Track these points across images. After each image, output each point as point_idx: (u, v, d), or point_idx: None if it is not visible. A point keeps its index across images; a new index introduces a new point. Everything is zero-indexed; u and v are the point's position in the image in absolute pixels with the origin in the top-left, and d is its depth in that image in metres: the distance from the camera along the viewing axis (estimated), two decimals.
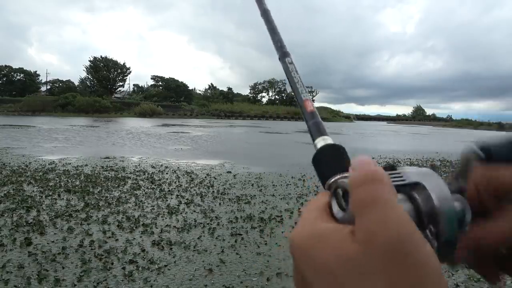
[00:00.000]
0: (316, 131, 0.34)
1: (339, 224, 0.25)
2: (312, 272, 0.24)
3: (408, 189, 0.26)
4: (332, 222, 0.25)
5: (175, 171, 8.22)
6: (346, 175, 0.26)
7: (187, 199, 5.75)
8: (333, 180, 0.27)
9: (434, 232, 0.25)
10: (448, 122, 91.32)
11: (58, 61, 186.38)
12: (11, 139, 14.01)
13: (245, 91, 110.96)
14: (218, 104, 61.04)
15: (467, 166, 0.30)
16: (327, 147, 0.31)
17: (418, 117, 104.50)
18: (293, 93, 0.39)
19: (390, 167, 0.28)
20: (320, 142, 0.32)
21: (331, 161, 0.30)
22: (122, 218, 4.67)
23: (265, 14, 0.50)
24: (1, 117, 32.46)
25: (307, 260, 0.24)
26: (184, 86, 71.28)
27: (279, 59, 0.43)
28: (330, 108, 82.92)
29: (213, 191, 6.32)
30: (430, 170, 0.27)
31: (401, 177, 0.27)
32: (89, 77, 65.15)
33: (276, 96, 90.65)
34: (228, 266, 3.42)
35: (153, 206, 5.29)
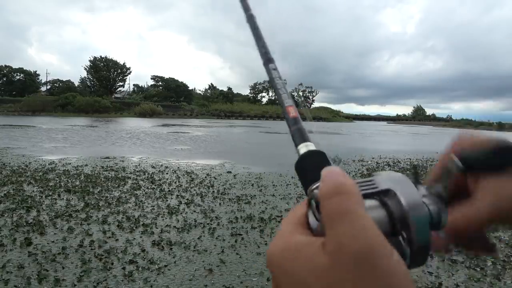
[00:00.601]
0: (299, 137, 0.34)
1: (312, 237, 0.25)
2: (288, 286, 0.24)
3: (381, 195, 0.27)
4: (307, 234, 0.26)
5: (175, 171, 8.22)
6: (318, 185, 0.26)
7: (187, 199, 5.75)
8: (308, 190, 0.27)
9: (406, 238, 0.25)
10: (448, 122, 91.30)
11: (58, 61, 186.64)
12: (11, 139, 14.01)
13: (245, 91, 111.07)
14: (218, 104, 61.05)
15: (448, 176, 0.30)
16: (309, 153, 0.32)
17: (418, 117, 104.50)
18: (277, 98, 0.39)
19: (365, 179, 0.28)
20: (303, 148, 0.33)
21: (313, 168, 0.30)
22: (122, 218, 4.67)
23: (251, 20, 0.51)
24: (1, 117, 32.46)
25: (283, 274, 0.25)
26: (184, 86, 71.29)
27: (263, 64, 0.43)
28: (330, 108, 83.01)
29: (213, 191, 6.32)
30: (402, 176, 0.27)
31: (373, 184, 0.27)
32: (89, 77, 65.20)
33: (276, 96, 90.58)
34: (228, 266, 3.42)
35: (153, 206, 5.29)
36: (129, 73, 68.55)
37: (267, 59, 0.44)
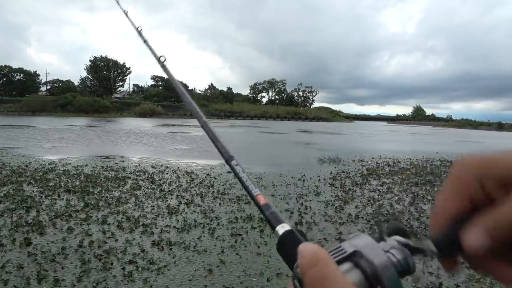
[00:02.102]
0: (275, 220, 0.38)
1: None
2: None
3: (352, 258, 0.30)
4: None
5: (175, 171, 8.22)
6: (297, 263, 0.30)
7: (187, 199, 5.74)
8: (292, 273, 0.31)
9: None
10: (448, 122, 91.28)
11: (58, 61, 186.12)
12: (11, 139, 14.01)
13: (245, 91, 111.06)
14: (218, 104, 61.02)
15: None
16: (286, 233, 0.36)
17: (418, 117, 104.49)
18: (245, 191, 0.43)
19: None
20: (280, 229, 0.36)
21: (292, 246, 0.33)
22: (122, 218, 4.67)
23: (206, 126, 0.56)
24: (1, 117, 32.45)
25: None
26: (184, 86, 71.17)
27: (226, 162, 0.48)
28: (330, 108, 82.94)
29: (213, 191, 6.31)
30: (362, 234, 0.31)
31: (342, 249, 0.30)
32: (89, 77, 65.22)
33: (276, 96, 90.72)
34: (228, 267, 3.41)
35: (153, 206, 5.28)
36: (129, 73, 68.67)
37: (229, 157, 0.49)
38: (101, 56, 65.37)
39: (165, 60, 0.90)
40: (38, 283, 2.96)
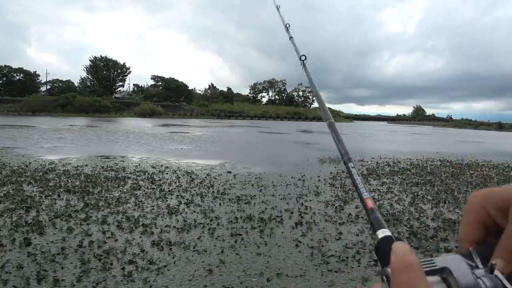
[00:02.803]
0: (376, 224, 0.41)
1: None
2: None
3: (441, 272, 0.33)
4: None
5: (175, 171, 8.21)
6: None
7: (187, 199, 5.74)
8: (382, 270, 0.34)
9: None
10: (448, 122, 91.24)
11: (58, 61, 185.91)
12: (11, 139, 14.01)
13: (245, 91, 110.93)
14: (218, 104, 61.01)
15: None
16: (385, 238, 0.39)
17: (418, 117, 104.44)
18: (356, 192, 0.46)
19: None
20: (380, 234, 0.40)
21: (387, 251, 0.36)
22: (122, 218, 4.66)
23: (332, 126, 0.61)
24: (1, 117, 32.45)
25: None
26: (184, 86, 71.26)
27: (344, 163, 0.52)
28: (330, 108, 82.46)
29: (213, 191, 6.31)
30: (457, 256, 0.34)
31: (433, 263, 0.33)
32: (89, 77, 65.17)
33: (276, 96, 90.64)
34: (228, 267, 3.41)
35: (153, 206, 5.28)
36: (129, 73, 68.56)
37: (348, 159, 0.52)
38: (101, 56, 65.34)
39: (305, 58, 0.96)
40: (37, 283, 2.96)
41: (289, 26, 1.28)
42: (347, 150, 0.53)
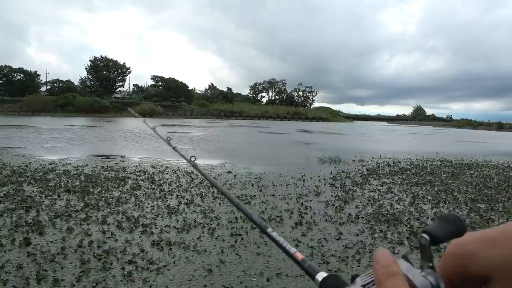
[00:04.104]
0: (313, 271, 0.45)
1: None
2: None
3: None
4: None
5: (175, 171, 8.21)
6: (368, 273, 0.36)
7: (187, 199, 5.74)
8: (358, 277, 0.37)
9: None
10: (448, 122, 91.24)
11: (58, 61, 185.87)
12: (11, 139, 14.01)
13: (245, 91, 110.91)
14: (218, 104, 61.00)
15: (423, 250, 0.37)
16: (325, 278, 0.43)
17: (418, 117, 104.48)
18: (283, 251, 0.53)
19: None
20: (319, 277, 0.44)
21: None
22: (122, 218, 4.66)
23: None
24: (1, 117, 32.45)
25: None
26: (184, 86, 71.15)
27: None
28: (330, 108, 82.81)
29: (213, 191, 6.31)
30: (401, 259, 0.36)
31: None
32: (89, 77, 65.14)
33: (276, 96, 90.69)
34: (228, 267, 3.41)
35: (153, 206, 5.28)
36: (129, 73, 68.49)
37: (264, 226, 0.62)
38: (101, 56, 65.33)
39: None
40: (37, 283, 2.96)
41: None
42: (260, 221, 0.63)
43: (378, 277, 0.33)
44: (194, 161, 1.26)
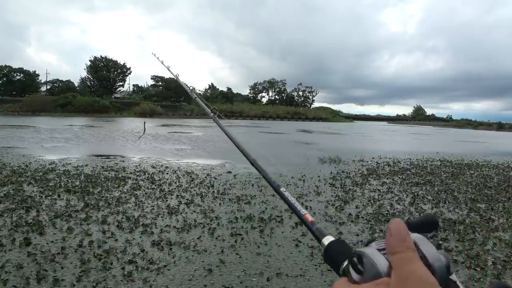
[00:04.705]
0: (320, 234, 0.49)
1: (372, 282, 0.34)
2: None
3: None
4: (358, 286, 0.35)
5: (175, 171, 8.21)
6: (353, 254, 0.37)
7: (187, 199, 5.74)
8: (353, 251, 0.38)
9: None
10: (448, 122, 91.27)
11: (58, 61, 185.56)
12: (11, 139, 14.01)
13: (245, 91, 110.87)
14: (218, 104, 60.97)
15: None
16: (331, 243, 0.46)
17: (419, 117, 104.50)
18: (294, 213, 0.57)
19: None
20: (325, 241, 0.47)
21: (338, 253, 0.42)
22: (122, 218, 4.66)
23: None
24: (1, 117, 32.45)
25: None
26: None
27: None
28: (330, 108, 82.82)
29: (213, 191, 6.31)
30: (422, 236, 0.37)
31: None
32: (89, 77, 65.13)
33: (276, 96, 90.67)
34: (228, 266, 3.41)
35: (153, 206, 5.28)
36: (129, 73, 68.51)
37: (277, 186, 0.65)
38: (101, 56, 65.30)
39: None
40: (37, 283, 2.96)
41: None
42: (274, 179, 0.62)
43: (391, 247, 0.34)
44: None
